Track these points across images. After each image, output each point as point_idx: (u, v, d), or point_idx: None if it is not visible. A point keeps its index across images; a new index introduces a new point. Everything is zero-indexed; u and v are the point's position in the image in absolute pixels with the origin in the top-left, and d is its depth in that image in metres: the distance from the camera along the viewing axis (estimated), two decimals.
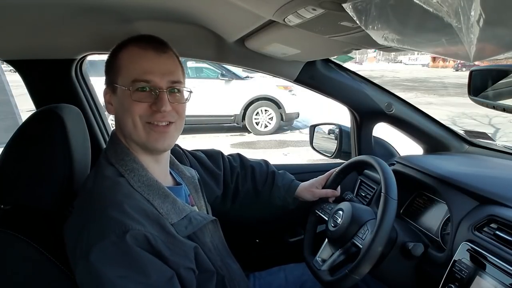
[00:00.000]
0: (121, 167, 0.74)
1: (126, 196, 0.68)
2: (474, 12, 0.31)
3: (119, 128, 0.78)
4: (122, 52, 0.76)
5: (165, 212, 0.72)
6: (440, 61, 40.16)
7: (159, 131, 0.75)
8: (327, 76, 1.30)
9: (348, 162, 1.13)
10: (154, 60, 0.75)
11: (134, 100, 0.72)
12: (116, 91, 0.75)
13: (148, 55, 0.74)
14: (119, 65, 0.75)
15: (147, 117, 0.74)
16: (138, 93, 0.73)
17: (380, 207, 0.86)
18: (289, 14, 0.60)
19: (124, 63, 0.75)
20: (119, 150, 0.76)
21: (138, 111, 0.73)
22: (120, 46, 0.77)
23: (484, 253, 0.75)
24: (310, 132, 1.61)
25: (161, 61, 0.75)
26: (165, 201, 0.73)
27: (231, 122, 6.47)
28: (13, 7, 0.84)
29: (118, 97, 0.75)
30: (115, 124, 0.80)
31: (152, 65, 0.74)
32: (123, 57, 0.75)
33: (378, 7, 0.41)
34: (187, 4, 0.91)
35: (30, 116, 0.82)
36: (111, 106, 0.78)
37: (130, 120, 0.74)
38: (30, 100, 1.31)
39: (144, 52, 0.74)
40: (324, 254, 1.01)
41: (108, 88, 0.78)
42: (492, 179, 0.98)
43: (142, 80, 0.73)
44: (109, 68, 0.78)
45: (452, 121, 7.40)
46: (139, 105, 0.73)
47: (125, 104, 0.74)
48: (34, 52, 1.21)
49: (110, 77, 0.77)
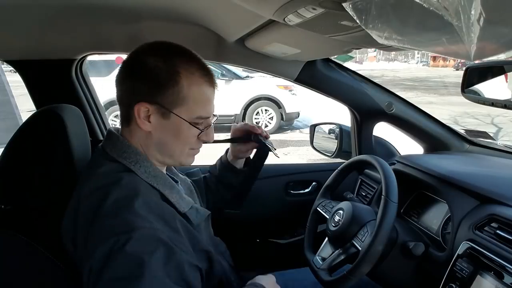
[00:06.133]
0: (125, 160, 0.72)
1: (134, 191, 0.67)
2: (474, 11, 0.31)
3: (155, 147, 0.75)
4: (191, 83, 0.71)
5: (175, 201, 0.72)
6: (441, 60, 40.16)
7: (196, 154, 0.80)
8: (327, 76, 1.30)
9: (349, 161, 1.13)
10: (213, 98, 0.77)
11: (193, 134, 0.74)
12: (169, 117, 0.71)
13: (212, 92, 0.75)
14: (185, 97, 0.71)
15: (193, 145, 0.77)
16: (198, 126, 0.74)
17: (380, 210, 0.86)
18: (289, 14, 0.59)
19: (194, 98, 0.72)
20: (119, 145, 0.74)
21: (191, 143, 0.76)
22: (183, 69, 0.70)
23: (485, 253, 0.75)
24: (310, 131, 1.61)
25: (214, 98, 0.77)
26: (172, 191, 0.74)
27: (231, 122, 6.47)
28: (13, 8, 0.85)
29: (171, 123, 0.72)
30: (139, 137, 0.74)
31: (212, 104, 0.77)
32: (193, 91, 0.71)
33: (378, 6, 0.41)
34: (187, 4, 0.91)
35: (31, 116, 0.82)
36: (148, 124, 0.72)
37: (180, 148, 0.75)
38: (30, 101, 1.31)
39: (212, 91, 0.75)
40: (324, 253, 1.01)
41: (151, 106, 0.70)
42: (493, 179, 0.97)
43: (206, 118, 0.75)
44: (158, 87, 0.70)
45: (454, 121, 7.39)
46: (194, 138, 0.75)
47: (180, 134, 0.73)
48: (34, 52, 1.22)
49: (161, 98, 0.70)
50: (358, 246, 0.89)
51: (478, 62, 1.04)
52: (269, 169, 1.48)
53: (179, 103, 0.71)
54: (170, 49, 0.73)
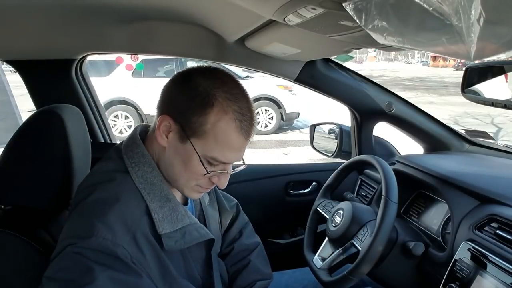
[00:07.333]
0: (128, 158, 0.69)
1: (116, 196, 0.63)
2: (474, 11, 0.31)
3: (164, 165, 0.70)
4: (219, 121, 0.64)
5: (159, 218, 0.65)
6: (441, 60, 40.17)
7: (203, 191, 0.74)
8: (327, 76, 1.30)
9: (349, 161, 1.13)
10: (242, 147, 0.68)
11: (200, 172, 0.67)
12: (185, 142, 0.66)
13: (241, 141, 0.67)
14: (207, 131, 0.64)
15: (200, 182, 0.70)
16: (209, 167, 0.68)
17: (380, 210, 0.86)
18: (289, 14, 0.59)
19: (216, 137, 0.65)
20: (131, 142, 0.72)
21: (198, 179, 0.69)
22: (219, 103, 0.64)
23: (485, 253, 0.75)
24: (310, 131, 1.62)
25: (244, 147, 0.69)
26: (164, 205, 0.67)
27: None
28: (13, 8, 0.84)
29: (185, 150, 0.66)
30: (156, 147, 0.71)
31: (237, 153, 0.69)
32: (218, 130, 0.64)
33: (378, 6, 0.41)
34: (187, 4, 0.91)
35: (30, 116, 0.82)
36: (165, 139, 0.68)
37: (186, 178, 0.69)
38: (30, 101, 1.31)
39: (241, 138, 0.66)
40: (324, 253, 1.01)
41: (174, 124, 0.66)
42: (493, 179, 0.97)
43: (222, 163, 0.68)
44: (188, 109, 0.65)
45: (454, 121, 7.39)
46: (201, 176, 0.68)
47: (188, 165, 0.67)
48: (34, 52, 1.22)
49: (185, 121, 0.65)
50: (358, 246, 0.89)
51: (478, 62, 1.04)
52: (269, 169, 1.49)
53: (200, 134, 0.65)
54: (221, 78, 0.67)
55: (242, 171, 0.79)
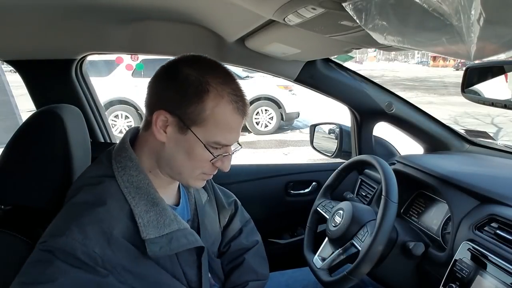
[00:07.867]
0: (116, 163, 0.68)
1: (99, 200, 0.63)
2: (474, 11, 0.31)
3: (166, 161, 0.70)
4: (217, 105, 0.65)
5: (143, 223, 0.64)
6: (441, 60, 40.17)
7: (207, 178, 0.75)
8: (327, 76, 1.30)
9: (349, 161, 1.13)
10: (239, 127, 0.70)
11: (206, 158, 0.68)
12: (186, 133, 0.66)
13: (238, 121, 0.69)
14: (207, 118, 0.65)
15: (205, 169, 0.71)
16: (213, 151, 0.68)
17: (380, 210, 0.86)
18: (289, 14, 0.59)
19: (216, 122, 0.66)
20: (121, 146, 0.72)
21: (203, 167, 0.70)
22: (213, 89, 0.65)
23: (485, 253, 0.75)
24: (310, 131, 1.62)
25: (240, 127, 0.71)
26: (150, 209, 0.66)
27: None
28: (13, 8, 0.84)
29: (187, 140, 0.67)
30: (153, 146, 0.70)
31: (236, 134, 0.70)
32: (217, 114, 0.65)
33: (378, 6, 0.41)
34: (187, 4, 0.91)
35: (30, 116, 0.82)
36: (163, 134, 0.67)
37: (191, 168, 0.70)
38: (30, 100, 1.31)
39: (239, 119, 0.68)
40: (324, 253, 1.01)
41: (171, 117, 0.66)
42: (493, 178, 0.97)
43: (224, 145, 0.69)
44: (183, 99, 0.65)
45: (454, 121, 7.39)
46: (207, 162, 0.69)
47: (193, 154, 0.68)
48: (34, 52, 1.22)
49: (183, 112, 0.65)
50: (358, 246, 0.89)
51: (478, 62, 1.04)
52: (269, 169, 1.49)
53: (200, 122, 0.65)
54: (209, 65, 0.69)
55: (242, 171, 0.79)
